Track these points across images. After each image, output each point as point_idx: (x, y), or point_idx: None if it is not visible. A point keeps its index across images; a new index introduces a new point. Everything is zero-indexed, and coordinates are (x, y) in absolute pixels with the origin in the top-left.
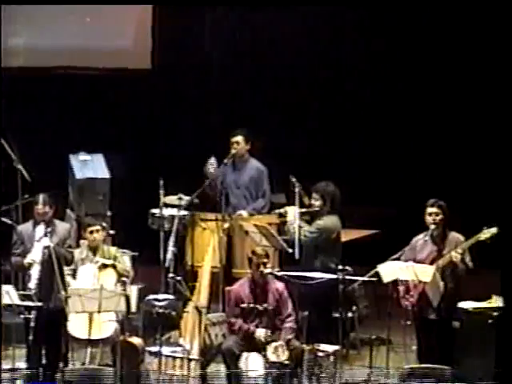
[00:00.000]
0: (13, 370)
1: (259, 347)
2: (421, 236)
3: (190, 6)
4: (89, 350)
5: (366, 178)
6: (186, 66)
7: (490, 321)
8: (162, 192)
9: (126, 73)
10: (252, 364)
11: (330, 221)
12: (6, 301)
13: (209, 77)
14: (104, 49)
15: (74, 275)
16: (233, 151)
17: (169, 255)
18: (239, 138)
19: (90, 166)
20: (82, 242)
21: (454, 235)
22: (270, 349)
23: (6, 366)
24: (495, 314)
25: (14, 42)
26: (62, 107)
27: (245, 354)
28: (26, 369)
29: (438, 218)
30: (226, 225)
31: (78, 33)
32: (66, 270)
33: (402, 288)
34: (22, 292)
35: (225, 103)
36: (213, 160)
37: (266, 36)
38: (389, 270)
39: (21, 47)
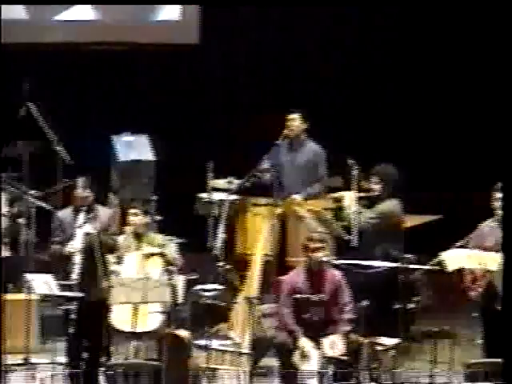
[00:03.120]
0: (53, 364)
1: (314, 340)
2: (488, 222)
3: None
4: (133, 343)
5: (425, 162)
6: (234, 42)
7: None
8: (210, 175)
9: (172, 48)
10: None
11: (390, 205)
12: (45, 291)
13: (259, 53)
14: (150, 23)
15: (117, 264)
16: (288, 131)
17: (218, 242)
18: (295, 117)
19: (134, 148)
20: (126, 228)
21: None
22: (326, 342)
23: (45, 360)
24: None
25: (51, 17)
26: (105, 85)
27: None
28: (66, 364)
29: None
30: (279, 210)
31: (123, 7)
32: (109, 258)
33: (468, 277)
34: (62, 282)
35: (276, 82)
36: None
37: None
38: (454, 258)
39: (62, 22)
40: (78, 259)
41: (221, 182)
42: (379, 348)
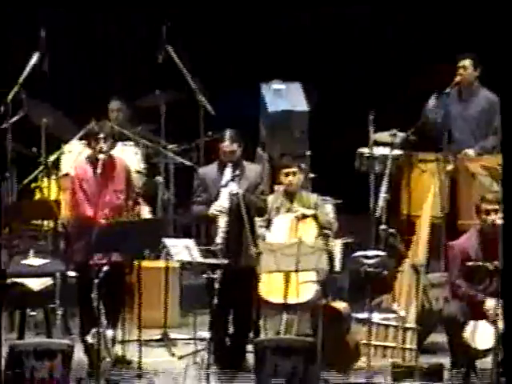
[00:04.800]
0: (195, 339)
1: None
2: None
3: None
4: (284, 316)
5: None
6: None
7: None
8: (371, 128)
9: None
10: (480, 335)
11: None
12: (185, 258)
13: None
14: None
15: (267, 227)
16: (458, 78)
17: (380, 203)
18: (467, 63)
19: (285, 97)
20: (276, 187)
21: None
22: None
23: (186, 335)
24: None
25: None
26: (253, 28)
27: (471, 323)
28: (210, 340)
29: None
30: (450, 166)
31: None
32: (258, 221)
33: None
34: (204, 247)
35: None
36: (433, 100)
37: None
38: None
39: None
40: (222, 222)
41: (383, 135)
42: None
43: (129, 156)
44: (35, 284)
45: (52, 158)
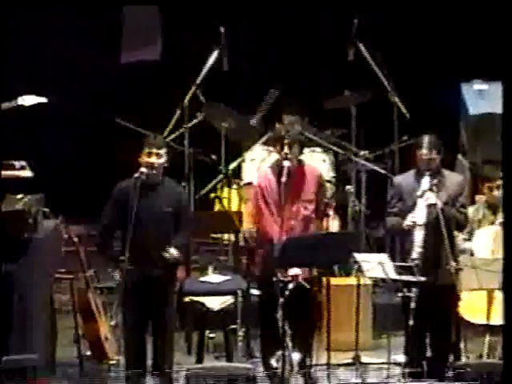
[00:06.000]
0: (388, 364)
1: None
2: None
3: None
4: (487, 338)
5: None
6: None
7: None
8: None
9: None
10: None
11: None
12: (378, 274)
13: None
14: None
15: (467, 241)
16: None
17: None
18: None
19: (487, 98)
20: (478, 197)
21: None
22: None
23: (379, 359)
24: None
25: None
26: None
27: None
28: (405, 364)
29: None
30: None
31: None
32: (458, 234)
33: None
34: (399, 263)
35: None
36: None
37: None
38: None
39: None
40: (419, 235)
41: None
42: None
43: (316, 163)
44: (215, 303)
45: (232, 165)
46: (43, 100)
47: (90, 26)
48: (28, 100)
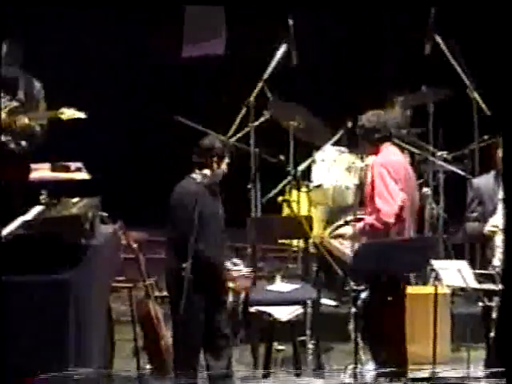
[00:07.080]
0: (468, 378)
1: None
2: None
3: None
4: None
5: None
6: None
7: None
8: None
9: None
10: None
11: None
12: (457, 283)
13: None
14: None
15: None
16: None
17: None
18: None
19: None
20: None
21: None
22: None
23: (458, 373)
24: None
25: None
26: None
27: None
28: (488, 376)
29: None
30: None
31: None
32: None
33: None
34: (480, 271)
35: None
36: None
37: None
38: None
39: None
40: (500, 241)
41: None
42: None
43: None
44: (283, 313)
45: (302, 167)
46: (81, 115)
47: (151, 21)
48: (67, 113)
